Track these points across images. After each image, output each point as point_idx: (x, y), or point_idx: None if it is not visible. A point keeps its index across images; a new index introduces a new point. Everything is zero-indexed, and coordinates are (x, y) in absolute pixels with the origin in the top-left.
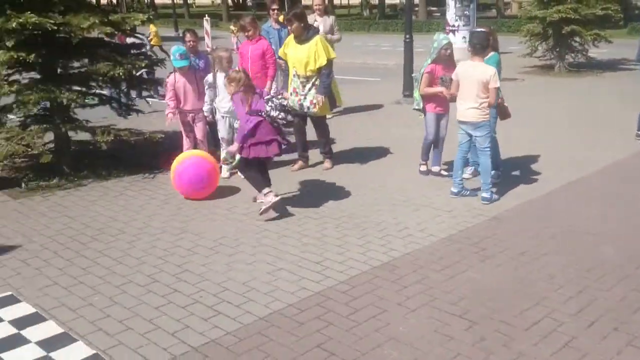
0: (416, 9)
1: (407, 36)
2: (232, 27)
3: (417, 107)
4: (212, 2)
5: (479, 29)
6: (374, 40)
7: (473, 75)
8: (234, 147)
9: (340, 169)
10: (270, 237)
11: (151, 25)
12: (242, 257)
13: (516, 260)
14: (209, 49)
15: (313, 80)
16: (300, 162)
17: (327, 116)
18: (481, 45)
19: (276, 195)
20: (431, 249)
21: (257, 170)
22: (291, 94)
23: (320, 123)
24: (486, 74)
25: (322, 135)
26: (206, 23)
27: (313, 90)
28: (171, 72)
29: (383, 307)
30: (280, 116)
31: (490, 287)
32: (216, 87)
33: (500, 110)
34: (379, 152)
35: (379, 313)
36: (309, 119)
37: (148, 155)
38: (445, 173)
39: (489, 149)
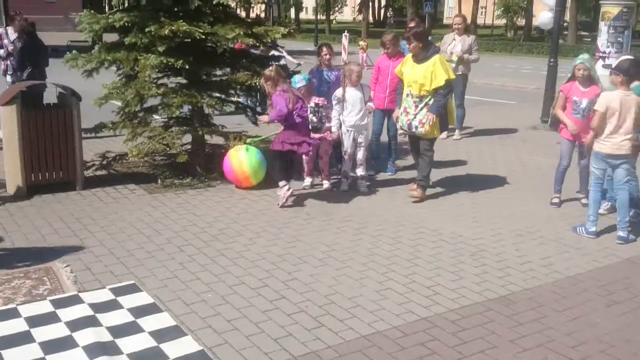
0: (565, 32)
1: (552, 60)
2: (361, 42)
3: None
4: (354, 19)
5: (627, 57)
6: (516, 63)
7: (632, 106)
8: (265, 117)
9: (461, 193)
10: (382, 254)
11: None
12: (351, 272)
13: None
14: (343, 64)
15: (426, 100)
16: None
17: (456, 138)
18: (637, 75)
19: (289, 189)
20: (554, 287)
21: (284, 163)
22: (401, 114)
23: (427, 146)
24: None
25: (425, 159)
26: (344, 39)
27: (424, 110)
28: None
29: (493, 343)
30: (314, 121)
31: (615, 335)
32: (345, 101)
33: None
34: (506, 179)
35: (488, 348)
36: None
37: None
38: (585, 201)
39: (628, 184)
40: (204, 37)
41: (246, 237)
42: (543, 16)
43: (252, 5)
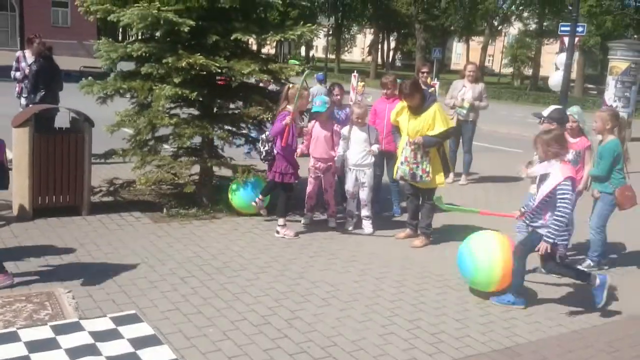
0: (572, 84)
1: None
2: (359, 83)
3: None
4: (363, 59)
5: (557, 107)
6: (522, 112)
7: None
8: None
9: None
10: (386, 297)
11: None
12: (354, 314)
13: None
14: (351, 103)
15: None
16: (408, 231)
17: (463, 183)
18: (563, 122)
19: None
20: (559, 341)
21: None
22: (402, 163)
23: (429, 195)
24: None
25: (427, 207)
26: (354, 78)
27: (427, 159)
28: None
29: None
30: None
31: None
32: (349, 140)
33: (622, 198)
34: (512, 227)
35: None
36: None
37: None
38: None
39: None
40: (219, 70)
41: (250, 272)
42: (554, 78)
43: (268, 43)
